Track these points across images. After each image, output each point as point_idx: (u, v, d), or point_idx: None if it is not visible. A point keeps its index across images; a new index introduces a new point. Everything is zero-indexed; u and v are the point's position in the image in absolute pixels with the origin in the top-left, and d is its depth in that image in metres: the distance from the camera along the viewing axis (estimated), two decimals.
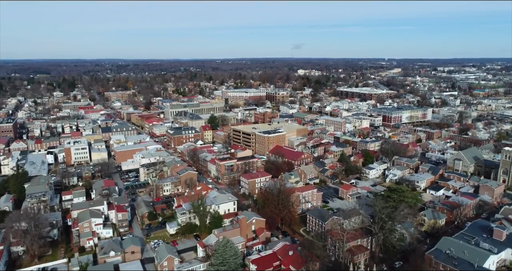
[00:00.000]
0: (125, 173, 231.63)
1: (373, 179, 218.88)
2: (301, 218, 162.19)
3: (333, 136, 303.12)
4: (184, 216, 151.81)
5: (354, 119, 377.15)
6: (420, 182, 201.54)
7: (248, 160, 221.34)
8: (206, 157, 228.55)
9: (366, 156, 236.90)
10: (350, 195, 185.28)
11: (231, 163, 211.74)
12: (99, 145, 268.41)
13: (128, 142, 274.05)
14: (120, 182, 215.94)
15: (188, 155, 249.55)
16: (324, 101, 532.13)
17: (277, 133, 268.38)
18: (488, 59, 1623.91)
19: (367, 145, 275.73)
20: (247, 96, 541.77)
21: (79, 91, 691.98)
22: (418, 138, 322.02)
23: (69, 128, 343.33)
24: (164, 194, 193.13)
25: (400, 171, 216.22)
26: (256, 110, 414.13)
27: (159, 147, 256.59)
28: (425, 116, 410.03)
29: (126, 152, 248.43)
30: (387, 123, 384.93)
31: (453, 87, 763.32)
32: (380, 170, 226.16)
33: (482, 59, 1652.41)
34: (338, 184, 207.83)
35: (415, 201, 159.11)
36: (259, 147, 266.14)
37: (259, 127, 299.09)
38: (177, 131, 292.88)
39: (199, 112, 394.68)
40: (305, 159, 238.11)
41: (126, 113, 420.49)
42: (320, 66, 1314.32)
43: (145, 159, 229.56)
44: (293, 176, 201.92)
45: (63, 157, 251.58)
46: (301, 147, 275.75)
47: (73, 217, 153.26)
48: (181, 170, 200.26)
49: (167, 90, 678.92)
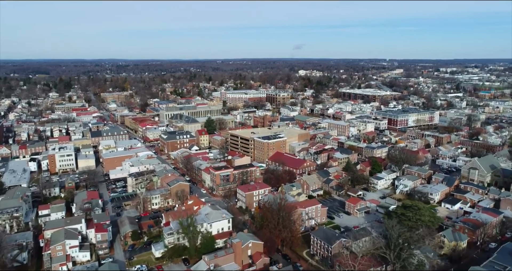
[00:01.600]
0: (112, 182, 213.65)
1: (382, 190, 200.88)
2: (304, 237, 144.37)
3: (337, 141, 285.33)
4: (172, 237, 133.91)
5: (358, 122, 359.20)
6: (434, 194, 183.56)
7: (245, 169, 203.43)
8: (201, 165, 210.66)
9: (373, 164, 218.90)
10: (358, 209, 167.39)
11: (227, 172, 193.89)
12: (87, 151, 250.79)
13: (118, 148, 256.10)
14: (106, 193, 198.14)
15: (182, 162, 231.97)
16: (326, 103, 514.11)
17: (278, 138, 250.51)
18: (490, 60, 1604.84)
19: (373, 152, 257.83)
20: (246, 97, 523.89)
21: (75, 92, 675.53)
22: (427, 143, 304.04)
23: (58, 132, 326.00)
24: (152, 208, 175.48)
25: (412, 181, 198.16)
26: (255, 112, 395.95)
27: (150, 153, 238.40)
28: (432, 119, 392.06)
29: (114, 159, 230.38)
30: (392, 127, 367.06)
31: (457, 88, 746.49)
32: (389, 180, 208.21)
33: (483, 60, 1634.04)
34: (344, 196, 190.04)
35: (433, 219, 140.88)
36: (258, 153, 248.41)
37: (258, 131, 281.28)
38: (171, 135, 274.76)
39: (196, 115, 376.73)
40: (308, 167, 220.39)
41: (120, 116, 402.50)
42: (321, 67, 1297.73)
43: (134, 168, 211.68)
44: (294, 187, 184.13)
45: (47, 164, 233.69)
46: (303, 154, 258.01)
47: (46, 237, 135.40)
48: (171, 180, 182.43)
49: (165, 91, 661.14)
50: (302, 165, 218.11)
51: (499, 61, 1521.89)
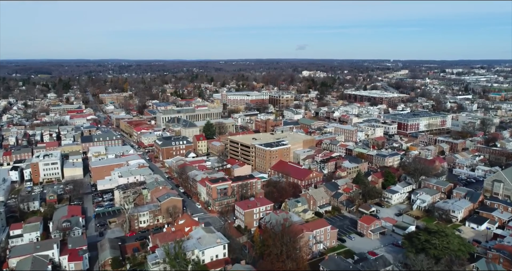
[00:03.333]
0: (99, 194, 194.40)
1: (397, 206, 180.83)
2: (311, 265, 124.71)
3: (345, 148, 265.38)
4: (157, 267, 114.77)
5: (366, 126, 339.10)
6: (456, 212, 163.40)
7: (245, 180, 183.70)
8: (196, 176, 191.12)
9: (386, 175, 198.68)
10: (372, 230, 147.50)
11: (224, 185, 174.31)
12: (75, 158, 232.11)
13: (109, 155, 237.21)
14: (92, 207, 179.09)
15: (176, 172, 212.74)
16: (332, 105, 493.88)
17: (281, 146, 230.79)
18: (495, 61, 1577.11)
19: (384, 160, 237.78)
20: (248, 99, 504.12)
21: (73, 93, 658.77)
22: (441, 150, 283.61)
23: (49, 136, 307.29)
24: (140, 227, 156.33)
25: (430, 196, 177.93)
26: (257, 116, 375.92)
27: (142, 162, 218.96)
28: (445, 123, 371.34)
29: (103, 167, 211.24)
30: (402, 131, 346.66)
31: (466, 90, 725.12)
32: (404, 193, 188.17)
33: (488, 61, 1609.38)
34: (355, 212, 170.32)
35: (463, 248, 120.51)
36: (260, 162, 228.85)
37: (260, 137, 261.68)
38: (166, 141, 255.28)
39: (194, 118, 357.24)
40: (314, 178, 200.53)
41: (115, 118, 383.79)
42: (325, 67, 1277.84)
43: (122, 179, 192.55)
44: (300, 203, 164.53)
45: (30, 173, 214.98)
46: (308, 162, 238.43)
47: (10, 267, 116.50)
48: (162, 195, 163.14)
49: (165, 92, 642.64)
50: (308, 176, 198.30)
51: (504, 62, 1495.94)
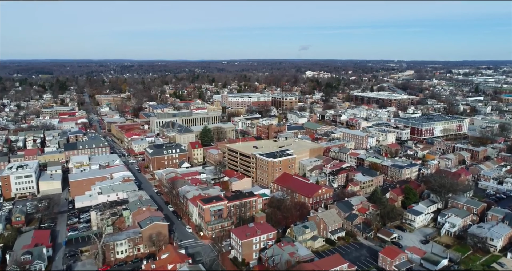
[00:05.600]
0: (77, 213, 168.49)
1: (421, 229, 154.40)
2: None
3: (356, 157, 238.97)
4: None
5: (377, 131, 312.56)
6: (495, 240, 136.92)
7: (244, 199, 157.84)
8: (187, 193, 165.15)
9: (407, 192, 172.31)
10: (396, 266, 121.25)
11: (219, 206, 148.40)
12: (53, 170, 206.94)
13: (92, 165, 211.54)
14: (64, 231, 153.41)
15: (166, 186, 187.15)
16: (338, 107, 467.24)
17: (285, 156, 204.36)
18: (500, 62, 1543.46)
19: (401, 172, 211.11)
20: (250, 101, 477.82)
21: (69, 94, 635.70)
22: (461, 158, 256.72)
23: (32, 143, 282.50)
24: (117, 258, 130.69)
25: (460, 218, 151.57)
26: (259, 120, 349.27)
27: (127, 175, 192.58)
28: (461, 128, 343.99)
29: (83, 181, 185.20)
30: (416, 137, 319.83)
31: (476, 91, 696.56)
32: (429, 214, 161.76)
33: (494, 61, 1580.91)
34: (374, 238, 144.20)
35: None
36: (261, 174, 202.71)
37: (261, 145, 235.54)
38: (157, 150, 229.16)
39: (191, 123, 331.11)
40: (323, 195, 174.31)
41: (107, 122, 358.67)
42: (329, 68, 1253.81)
43: (102, 196, 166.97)
44: (308, 229, 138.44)
45: (0, 187, 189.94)
46: (315, 173, 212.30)
47: None
48: (144, 219, 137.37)
49: (164, 93, 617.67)
50: (316, 192, 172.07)
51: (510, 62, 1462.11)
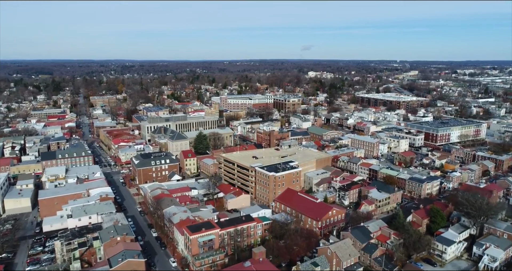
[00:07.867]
0: (43, 239, 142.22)
1: (454, 263, 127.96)
2: None
3: (368, 168, 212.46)
4: None
5: (388, 137, 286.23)
6: None
7: (240, 225, 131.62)
8: (173, 216, 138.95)
9: (433, 215, 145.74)
10: None
11: (209, 236, 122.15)
12: (24, 184, 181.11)
13: (69, 179, 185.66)
14: (24, 263, 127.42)
15: (151, 205, 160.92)
16: (344, 110, 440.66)
17: (289, 169, 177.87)
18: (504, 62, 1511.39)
19: (421, 187, 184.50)
20: (250, 103, 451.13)
21: (63, 95, 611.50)
22: (484, 169, 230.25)
23: (10, 150, 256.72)
24: None
25: (502, 250, 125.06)
26: (260, 125, 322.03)
27: (106, 192, 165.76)
28: (479, 133, 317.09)
29: (53, 199, 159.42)
30: (430, 143, 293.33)
31: (486, 92, 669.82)
32: (461, 242, 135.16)
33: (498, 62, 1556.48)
34: None
35: None
36: (261, 190, 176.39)
37: (262, 155, 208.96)
38: (144, 160, 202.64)
39: (186, 128, 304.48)
40: (334, 216, 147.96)
41: (96, 127, 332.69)
42: (331, 68, 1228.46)
43: (72, 220, 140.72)
44: (318, 267, 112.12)
45: None
46: (323, 188, 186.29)
47: None
48: (116, 254, 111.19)
49: (162, 95, 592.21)
50: (327, 214, 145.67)
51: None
